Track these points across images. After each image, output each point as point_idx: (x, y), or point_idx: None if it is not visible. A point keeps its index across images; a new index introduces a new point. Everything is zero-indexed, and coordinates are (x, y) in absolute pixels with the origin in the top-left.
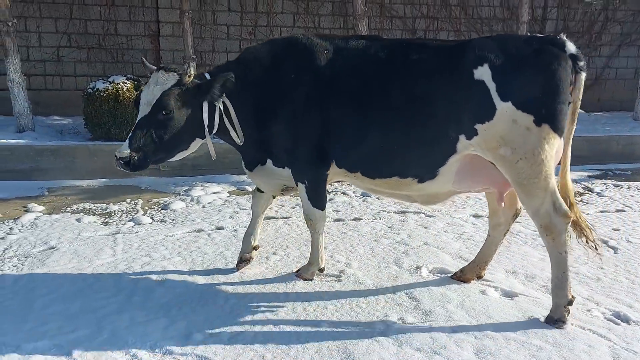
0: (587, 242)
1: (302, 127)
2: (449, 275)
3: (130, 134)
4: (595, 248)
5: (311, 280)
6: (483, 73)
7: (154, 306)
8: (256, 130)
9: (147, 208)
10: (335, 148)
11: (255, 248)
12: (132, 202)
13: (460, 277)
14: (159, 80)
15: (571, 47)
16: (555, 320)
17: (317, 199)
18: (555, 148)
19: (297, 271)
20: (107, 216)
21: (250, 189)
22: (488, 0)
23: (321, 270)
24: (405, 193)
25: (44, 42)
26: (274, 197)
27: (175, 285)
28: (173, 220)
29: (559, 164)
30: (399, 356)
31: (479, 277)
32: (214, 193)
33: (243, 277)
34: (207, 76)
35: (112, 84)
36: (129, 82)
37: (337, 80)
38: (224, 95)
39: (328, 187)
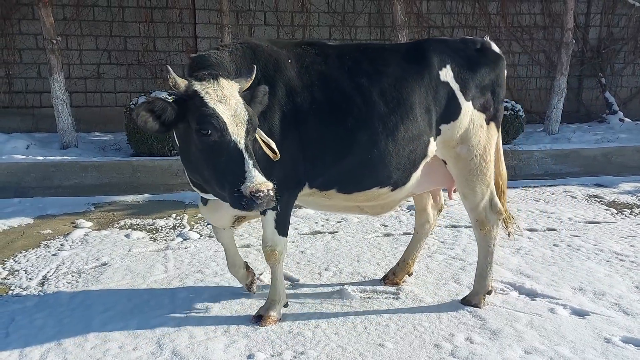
0: (507, 230)
1: (279, 147)
2: (513, 292)
3: (254, 164)
4: (509, 235)
5: (278, 320)
6: (447, 74)
7: (212, 324)
8: None
9: (193, 223)
10: (312, 167)
11: (247, 269)
12: (178, 217)
13: (393, 279)
14: (233, 93)
15: (496, 47)
16: (472, 304)
17: (284, 225)
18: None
19: (257, 316)
20: (154, 232)
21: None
22: (528, 8)
23: (285, 305)
24: (360, 205)
25: (85, 59)
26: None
27: (230, 303)
28: None
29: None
30: None
31: (410, 274)
32: None
33: (298, 294)
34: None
35: None
36: (170, 97)
37: (309, 92)
38: None
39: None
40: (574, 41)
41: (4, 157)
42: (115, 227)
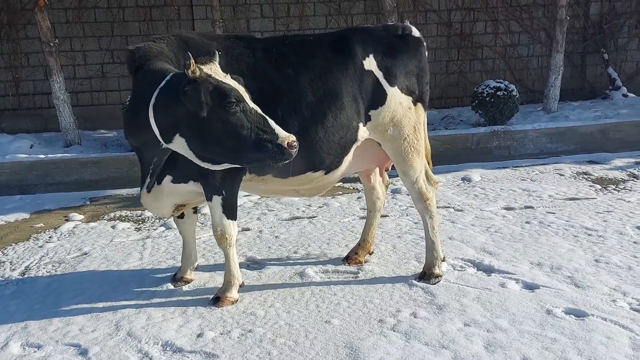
0: None
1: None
2: (470, 269)
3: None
4: None
5: (235, 301)
6: (370, 63)
7: (172, 306)
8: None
9: None
10: None
11: (196, 268)
12: None
13: (356, 259)
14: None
15: (417, 31)
16: (435, 275)
17: (232, 210)
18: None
19: (215, 298)
20: (140, 222)
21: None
22: None
23: (241, 285)
24: (296, 188)
25: (89, 60)
26: (194, 212)
27: (195, 286)
28: (202, 224)
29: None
30: (405, 351)
31: (371, 254)
32: (245, 196)
33: (261, 276)
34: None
35: None
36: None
37: (244, 82)
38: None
39: (357, 185)
40: (568, 18)
41: (8, 157)
42: (105, 219)
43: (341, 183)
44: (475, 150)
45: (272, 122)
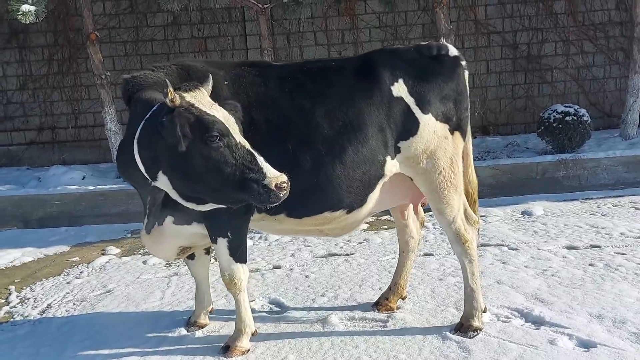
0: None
1: None
2: (517, 320)
3: (264, 160)
4: None
5: (246, 351)
6: (400, 89)
7: (179, 354)
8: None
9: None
10: None
11: (210, 311)
12: None
13: (387, 305)
14: (210, 100)
15: (454, 50)
16: (473, 327)
17: (240, 252)
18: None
19: (224, 347)
20: None
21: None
22: (601, 4)
23: (254, 334)
24: (319, 228)
25: None
26: (207, 253)
27: (209, 332)
28: None
29: None
30: None
31: (404, 298)
32: None
33: (281, 322)
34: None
35: None
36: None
37: (247, 113)
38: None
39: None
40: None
41: (59, 188)
42: (139, 254)
43: (388, 216)
44: (541, 180)
45: (261, 160)
